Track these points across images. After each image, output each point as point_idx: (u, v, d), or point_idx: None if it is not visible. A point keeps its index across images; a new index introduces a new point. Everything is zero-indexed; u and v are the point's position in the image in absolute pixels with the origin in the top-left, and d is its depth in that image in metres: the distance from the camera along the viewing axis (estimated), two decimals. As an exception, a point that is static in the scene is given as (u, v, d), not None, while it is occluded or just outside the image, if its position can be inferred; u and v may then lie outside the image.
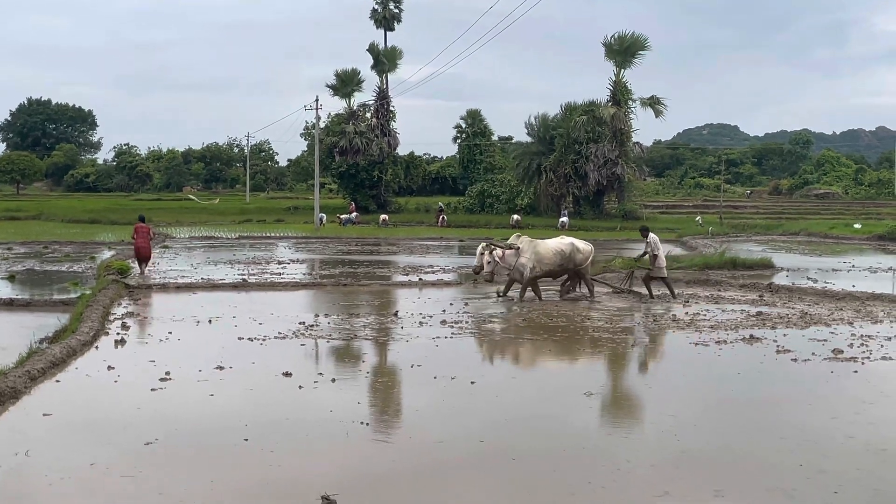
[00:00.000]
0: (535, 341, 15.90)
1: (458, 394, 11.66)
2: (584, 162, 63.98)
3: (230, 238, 46.65)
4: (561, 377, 13.22)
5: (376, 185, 74.57)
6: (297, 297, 22.24)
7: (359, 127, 73.68)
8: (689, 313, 18.88)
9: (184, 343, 15.25)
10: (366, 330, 16.88)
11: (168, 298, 21.49)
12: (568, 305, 20.60)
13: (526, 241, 21.85)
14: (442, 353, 14.77)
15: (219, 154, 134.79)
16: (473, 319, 18.14)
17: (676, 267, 27.51)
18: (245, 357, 13.89)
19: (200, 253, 36.34)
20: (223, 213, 71.23)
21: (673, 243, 43.12)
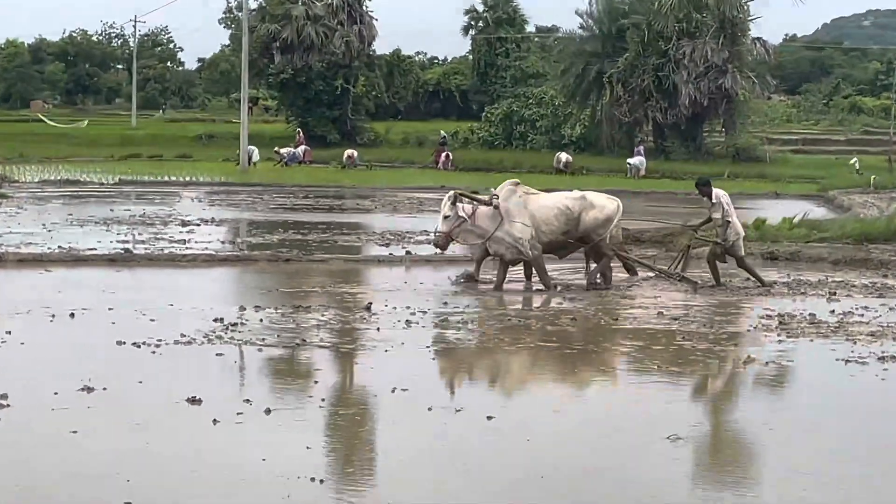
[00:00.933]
0: (588, 353, 15.89)
1: (467, 435, 11.67)
2: (673, 69, 63.92)
3: (106, 184, 46.69)
4: (629, 411, 13.21)
5: (339, 102, 74.64)
6: (211, 278, 22.31)
7: (313, 8, 73.62)
8: (835, 312, 18.90)
9: (30, 350, 15.26)
10: (320, 332, 16.89)
11: (5, 278, 21.54)
12: (640, 296, 20.59)
13: (513, 197, 21.38)
14: (443, 371, 14.78)
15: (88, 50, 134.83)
16: (490, 316, 18.15)
17: (818, 238, 27.50)
18: (128, 373, 13.87)
19: (58, 206, 36.39)
20: (95, 142, 71.36)
21: (814, 200, 43.18)
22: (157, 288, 20.43)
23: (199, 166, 57.14)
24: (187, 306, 18.44)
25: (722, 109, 65.71)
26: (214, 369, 14.50)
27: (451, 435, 11.73)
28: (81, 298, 18.78)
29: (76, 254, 24.22)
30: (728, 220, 21.90)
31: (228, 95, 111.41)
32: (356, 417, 12.60)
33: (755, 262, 24.80)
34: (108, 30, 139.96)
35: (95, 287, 20.19)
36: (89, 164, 57.35)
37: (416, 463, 10.92)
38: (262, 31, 73.33)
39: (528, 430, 11.97)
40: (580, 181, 52.20)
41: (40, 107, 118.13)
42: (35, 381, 13.27)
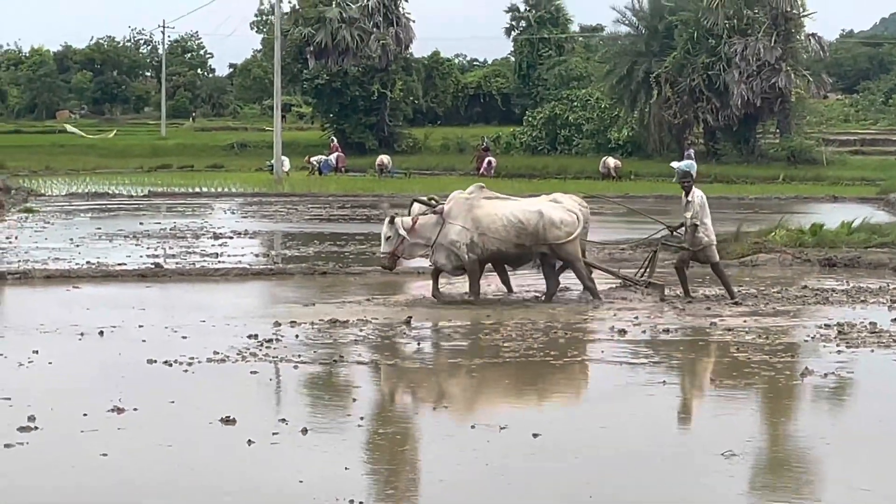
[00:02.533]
0: (641, 367, 15.87)
1: (511, 454, 11.66)
2: (724, 67, 63.80)
3: (135, 196, 46.92)
4: (681, 427, 13.20)
5: (376, 109, 74.76)
6: (244, 293, 22.37)
7: (347, 11, 73.78)
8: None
9: (58, 369, 15.35)
10: (359, 347, 16.93)
11: (33, 295, 21.70)
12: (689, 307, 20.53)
13: (459, 202, 21.15)
14: (485, 386, 14.78)
15: (116, 57, 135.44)
16: (540, 329, 18.14)
17: (879, 244, 27.38)
18: (159, 392, 13.93)
19: (86, 220, 36.57)
20: (124, 153, 71.76)
21: (874, 203, 43.02)
22: (188, 304, 20.52)
23: (231, 177, 57.35)
24: (220, 322, 18.52)
25: (776, 109, 65.56)
26: (249, 388, 14.54)
27: (496, 454, 11.72)
28: (111, 316, 18.88)
29: (105, 269, 24.36)
30: (697, 223, 21.62)
31: (261, 102, 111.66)
32: (396, 436, 12.62)
33: (811, 269, 24.78)
34: (137, 36, 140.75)
35: (125, 304, 20.30)
36: (118, 175, 57.65)
37: (459, 483, 10.92)
38: (296, 35, 73.54)
39: (575, 448, 11.96)
40: (629, 187, 52.25)
41: (67, 117, 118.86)
42: (63, 402, 13.33)
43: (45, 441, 11.90)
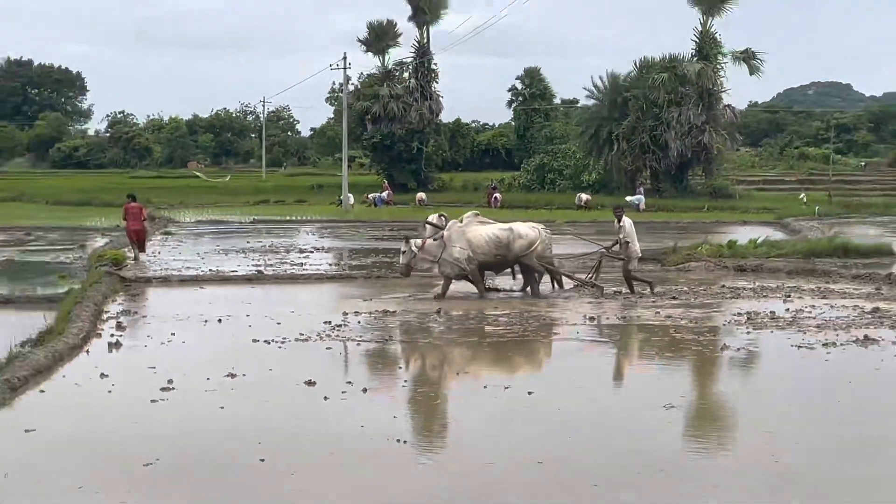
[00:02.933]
0: (605, 344, 15.86)
1: (513, 407, 11.68)
2: (665, 129, 63.61)
3: (243, 222, 47.00)
4: (636, 387, 13.19)
5: (416, 159, 74.73)
6: (322, 291, 22.35)
7: (395, 89, 73.83)
8: (790, 310, 18.71)
9: (189, 346, 15.42)
10: (404, 330, 16.95)
11: (171, 294, 21.74)
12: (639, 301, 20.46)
13: (454, 228, 21.35)
14: (493, 359, 14.78)
15: (230, 123, 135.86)
16: (532, 316, 18.13)
17: (776, 254, 27.30)
18: (261, 363, 14.00)
19: (208, 240, 36.66)
20: (235, 192, 71.79)
21: (772, 226, 42.87)
22: (281, 299, 20.54)
23: (312, 208, 57.35)
24: (304, 313, 18.54)
25: (702, 159, 65.26)
26: (325, 359, 14.58)
27: (501, 407, 11.74)
28: (226, 308, 18.93)
29: (222, 275, 24.43)
30: (627, 241, 21.64)
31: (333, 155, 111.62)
32: (430, 394, 12.63)
33: (727, 273, 24.73)
34: (244, 108, 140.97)
35: (236, 299, 20.34)
36: (231, 208, 57.69)
37: (475, 427, 10.93)
38: (358, 107, 73.55)
39: (559, 402, 11.96)
40: (598, 214, 52.17)
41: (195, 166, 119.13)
42: (193, 370, 13.38)
43: (180, 398, 11.95)
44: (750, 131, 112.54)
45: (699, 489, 8.83)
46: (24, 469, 9.26)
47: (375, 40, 75.22)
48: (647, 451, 9.98)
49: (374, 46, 75.46)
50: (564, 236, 32.22)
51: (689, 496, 8.69)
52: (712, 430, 11.03)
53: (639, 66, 68.27)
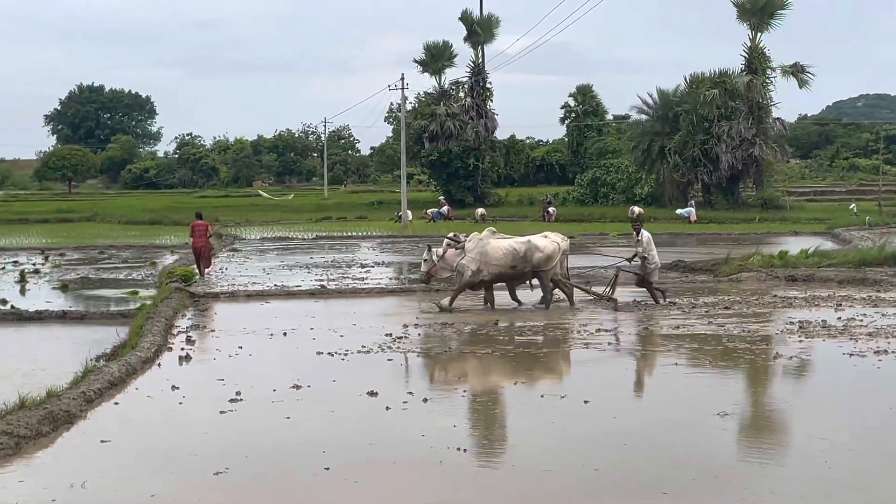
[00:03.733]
0: (660, 353, 15.75)
1: (569, 415, 11.64)
2: (715, 142, 63.20)
3: (306, 239, 47.27)
4: (690, 395, 13.05)
5: (472, 175, 74.80)
6: (383, 305, 22.39)
7: (451, 108, 74.06)
8: (841, 319, 18.49)
9: (256, 359, 15.53)
10: (463, 342, 16.95)
11: (238, 308, 21.91)
12: (693, 311, 20.28)
13: (474, 239, 21.29)
14: (549, 368, 14.75)
15: (293, 143, 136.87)
16: (586, 327, 18.06)
17: (827, 264, 26.99)
18: (325, 374, 14.08)
19: (273, 256, 36.92)
20: (298, 210, 72.28)
21: (823, 236, 42.39)
22: (344, 312, 20.62)
23: (372, 224, 57.61)
24: (366, 325, 18.61)
25: (752, 171, 64.77)
26: (387, 370, 14.62)
27: (558, 415, 11.69)
28: (291, 321, 19.05)
29: (287, 289, 24.56)
30: (645, 255, 21.44)
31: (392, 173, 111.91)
32: (489, 403, 12.63)
33: (779, 283, 24.49)
34: (306, 129, 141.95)
35: (300, 313, 20.45)
36: (294, 225, 58.11)
37: (533, 435, 10.90)
38: (416, 126, 73.80)
39: (614, 410, 11.90)
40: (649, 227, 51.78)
41: (259, 185, 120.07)
42: (259, 381, 13.47)
43: (248, 409, 12.04)
44: (800, 143, 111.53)
45: (753, 496, 8.74)
46: (100, 478, 9.37)
47: (432, 61, 75.52)
48: (701, 458, 9.91)
49: (430, 67, 75.78)
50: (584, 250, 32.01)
51: (743, 502, 8.61)
52: (766, 438, 10.92)
53: (689, 81, 67.97)
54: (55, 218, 67.26)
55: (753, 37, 64.96)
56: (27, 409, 11.06)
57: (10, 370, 14.77)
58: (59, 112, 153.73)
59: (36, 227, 59.50)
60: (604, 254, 28.10)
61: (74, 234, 50.66)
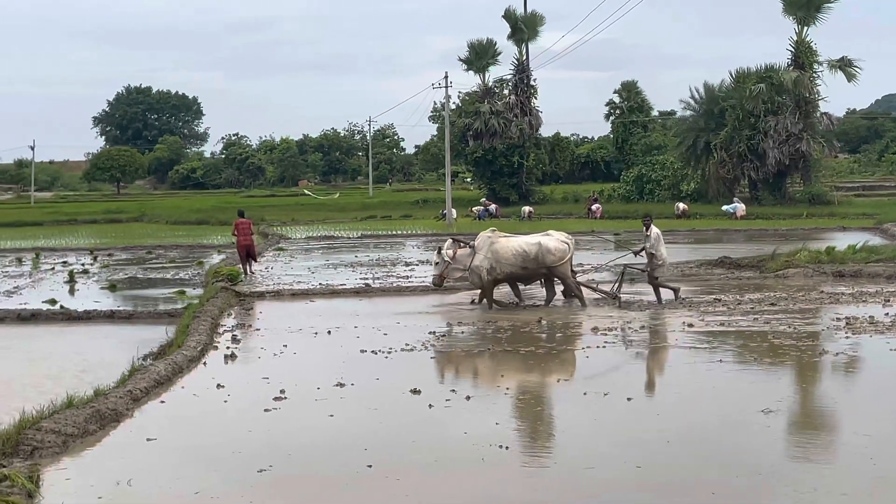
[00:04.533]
0: (704, 350, 15.67)
1: (612, 413, 11.62)
2: (762, 138, 62.67)
3: (351, 237, 47.43)
4: (734, 392, 12.97)
5: (517, 173, 74.69)
6: (427, 303, 22.39)
7: (495, 106, 73.97)
8: (889, 315, 18.29)
9: (300, 357, 15.63)
10: (505, 340, 16.96)
11: (283, 307, 22.03)
12: (737, 307, 20.13)
13: (483, 238, 21.31)
14: (593, 366, 14.72)
15: (338, 142, 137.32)
16: (630, 325, 18.00)
17: (875, 260, 26.68)
18: (368, 372, 14.15)
19: (318, 255, 37.09)
20: (343, 209, 72.52)
21: (872, 231, 41.93)
22: (388, 311, 20.67)
23: (416, 223, 57.67)
24: (410, 323, 18.66)
25: (800, 167, 64.16)
26: (430, 369, 14.68)
27: (600, 413, 11.69)
28: (335, 320, 19.14)
29: (331, 288, 24.66)
30: (653, 252, 21.28)
31: (437, 171, 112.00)
32: (531, 401, 12.64)
33: (826, 279, 24.27)
34: (352, 128, 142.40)
35: (345, 312, 20.55)
36: (340, 224, 58.32)
37: (575, 433, 10.90)
38: (460, 124, 73.80)
39: (657, 408, 11.89)
40: (695, 223, 51.64)
41: (305, 184, 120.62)
42: (304, 379, 13.57)
43: (292, 407, 12.13)
44: (848, 138, 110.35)
45: (797, 492, 8.68)
46: (146, 475, 9.49)
47: (476, 59, 75.45)
48: (744, 454, 9.86)
49: (474, 65, 75.71)
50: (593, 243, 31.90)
51: (787, 499, 8.56)
52: (810, 434, 10.84)
53: (735, 76, 67.44)
54: (104, 218, 67.95)
55: (800, 31, 64.33)
56: (75, 407, 11.21)
57: (59, 369, 14.99)
58: (107, 114, 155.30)
59: (85, 227, 60.14)
60: (611, 249, 27.90)
61: (122, 234, 51.19)
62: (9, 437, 10.00)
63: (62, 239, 47.70)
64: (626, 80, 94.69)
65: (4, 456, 9.63)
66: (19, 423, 10.36)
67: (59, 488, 9.06)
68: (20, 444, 9.98)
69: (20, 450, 9.90)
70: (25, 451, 9.89)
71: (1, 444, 9.87)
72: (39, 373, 14.75)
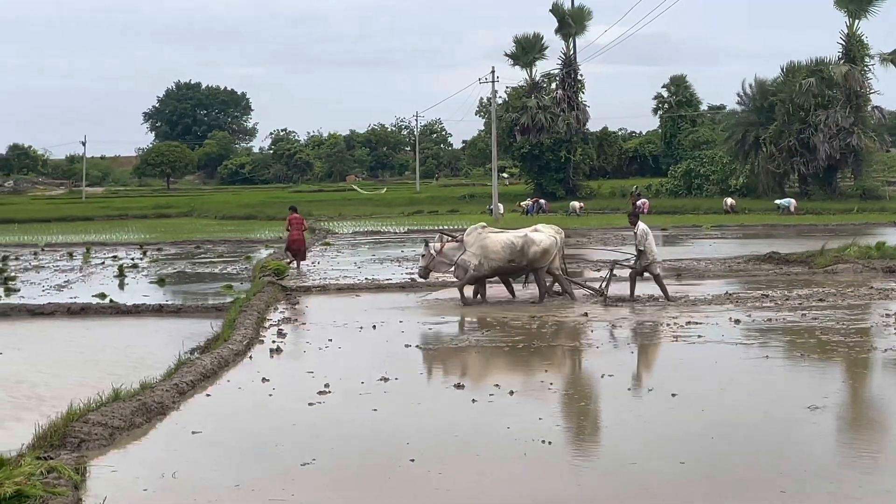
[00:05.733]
0: (751, 346, 15.55)
1: (656, 408, 11.56)
2: (812, 132, 62.21)
3: (398, 232, 47.55)
4: (781, 389, 12.85)
5: (564, 168, 74.60)
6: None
7: (542, 100, 73.85)
8: (941, 311, 18.07)
9: (345, 352, 15.69)
10: (550, 334, 16.92)
11: (328, 302, 22.13)
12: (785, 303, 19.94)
13: (474, 233, 21.20)
14: (639, 361, 14.65)
15: (385, 138, 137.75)
16: (676, 321, 17.89)
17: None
18: (412, 367, 14.20)
19: (365, 250, 37.23)
20: (390, 204, 72.71)
21: (922, 227, 41.43)
22: (434, 306, 20.70)
23: (463, 217, 57.65)
24: (455, 318, 18.68)
25: (850, 161, 63.69)
26: (474, 363, 14.70)
27: (644, 408, 11.64)
28: (380, 315, 19.20)
29: (377, 283, 24.75)
30: (641, 248, 21.03)
31: (484, 166, 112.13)
32: (575, 396, 12.60)
33: (876, 275, 23.99)
34: (399, 123, 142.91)
35: (390, 306, 20.61)
36: (387, 219, 58.51)
37: (619, 428, 10.86)
38: (507, 119, 73.85)
39: (702, 403, 11.79)
40: (744, 218, 51.23)
41: (352, 180, 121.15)
42: (348, 373, 13.62)
43: (336, 401, 12.17)
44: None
45: (843, 490, 8.60)
46: (191, 468, 9.57)
47: (522, 54, 75.40)
48: (789, 451, 9.77)
49: (521, 60, 75.66)
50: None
51: (832, 497, 8.47)
52: (857, 431, 10.73)
53: (785, 70, 66.98)
54: (153, 214, 68.61)
55: (851, 24, 63.80)
56: (122, 400, 11.32)
57: (108, 362, 15.15)
58: (157, 109, 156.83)
59: (135, 222, 60.73)
60: (596, 247, 27.80)
61: (172, 229, 51.63)
62: (56, 430, 10.12)
63: (112, 234, 48.23)
64: (675, 75, 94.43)
65: (52, 448, 9.75)
66: (67, 415, 10.49)
67: (105, 480, 9.15)
68: (67, 436, 10.10)
69: (67, 442, 10.02)
70: (73, 444, 10.00)
71: (49, 436, 10.00)
72: (87, 366, 14.91)
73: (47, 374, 14.18)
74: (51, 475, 8.73)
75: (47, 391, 13.09)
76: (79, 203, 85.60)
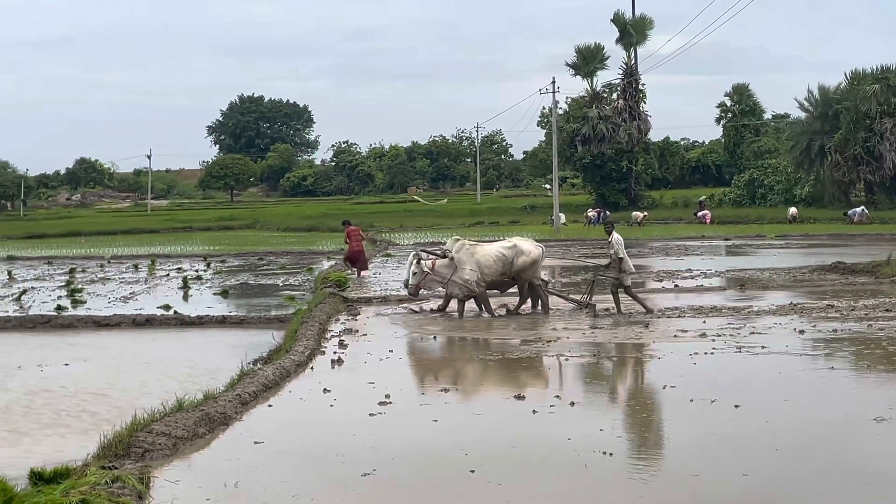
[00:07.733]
0: (816, 357, 15.34)
1: (719, 419, 11.44)
2: (878, 140, 61.41)
3: (459, 243, 47.50)
4: (846, 400, 12.67)
5: (625, 178, 74.25)
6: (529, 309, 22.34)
7: (603, 111, 73.60)
8: None
9: (406, 362, 15.72)
10: (611, 345, 16.83)
11: (392, 314, 22.15)
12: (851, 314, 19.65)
13: (463, 249, 20.98)
14: (700, 372, 14.52)
15: (446, 149, 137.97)
16: (738, 331, 17.70)
17: None
18: (472, 378, 14.18)
19: (426, 261, 37.20)
20: (451, 214, 72.85)
21: None
22: (492, 318, 20.67)
23: (525, 228, 57.64)
24: (514, 331, 18.62)
25: (918, 169, 62.79)
26: (535, 374, 14.65)
27: (707, 420, 11.51)
28: (442, 326, 19.21)
29: (439, 294, 24.70)
30: (620, 257, 20.70)
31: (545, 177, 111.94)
32: (637, 407, 12.51)
33: None
34: (460, 134, 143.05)
35: (453, 318, 20.60)
36: (448, 230, 58.57)
37: (681, 440, 10.76)
38: (568, 129, 73.69)
39: (765, 415, 11.64)
40: (809, 228, 50.61)
41: (414, 191, 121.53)
42: (409, 385, 13.68)
43: (396, 411, 12.19)
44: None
45: (910, 504, 8.45)
46: (252, 478, 9.62)
47: (583, 64, 75.24)
48: (854, 463, 9.62)
49: (582, 70, 75.52)
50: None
51: (900, 511, 8.34)
52: (925, 444, 10.52)
53: (850, 77, 66.25)
54: (217, 226, 69.39)
55: (917, 30, 62.84)
56: (185, 411, 11.43)
57: (172, 373, 15.30)
58: (220, 123, 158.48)
59: (199, 234, 61.45)
60: (569, 257, 27.64)
61: (235, 241, 52.15)
62: (121, 440, 10.24)
63: (177, 246, 48.84)
64: (738, 83, 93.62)
65: (116, 458, 9.86)
66: (131, 425, 10.60)
67: (168, 490, 9.24)
68: (132, 446, 10.20)
69: (132, 452, 10.12)
70: (137, 454, 10.11)
71: (113, 445, 10.11)
72: (152, 377, 15.07)
73: (112, 385, 14.35)
74: (115, 485, 8.83)
75: (112, 401, 13.25)
76: (144, 216, 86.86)
